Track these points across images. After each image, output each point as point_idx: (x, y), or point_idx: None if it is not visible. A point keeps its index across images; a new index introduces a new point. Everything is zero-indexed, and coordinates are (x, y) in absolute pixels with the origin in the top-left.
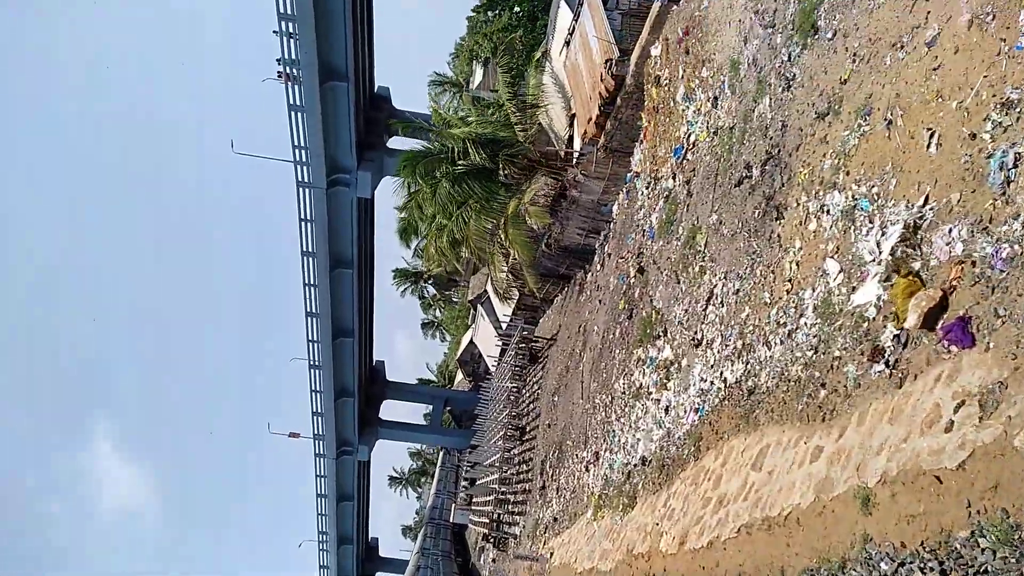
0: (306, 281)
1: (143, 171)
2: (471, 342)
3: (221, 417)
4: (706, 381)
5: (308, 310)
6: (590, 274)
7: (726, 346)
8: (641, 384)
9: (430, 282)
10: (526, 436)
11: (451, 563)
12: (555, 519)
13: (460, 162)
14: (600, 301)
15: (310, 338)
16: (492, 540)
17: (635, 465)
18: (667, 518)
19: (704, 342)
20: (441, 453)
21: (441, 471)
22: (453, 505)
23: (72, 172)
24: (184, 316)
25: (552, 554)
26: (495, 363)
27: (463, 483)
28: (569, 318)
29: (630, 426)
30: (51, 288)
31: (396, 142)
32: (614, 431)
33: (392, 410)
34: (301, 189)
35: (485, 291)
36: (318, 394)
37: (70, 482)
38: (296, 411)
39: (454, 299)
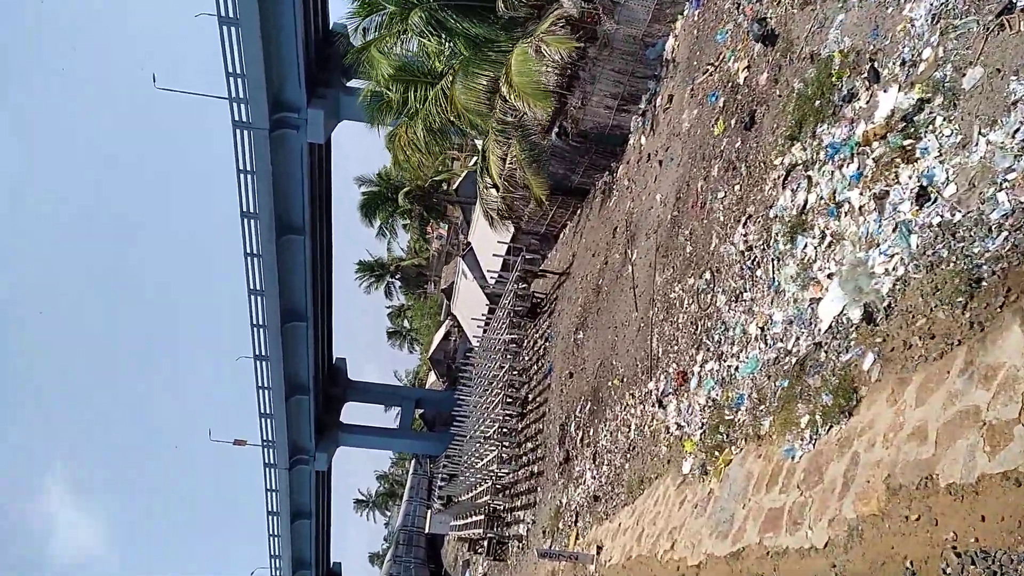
0: (247, 250)
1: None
2: (444, 337)
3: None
4: None
5: (251, 287)
6: (623, 166)
7: None
8: (807, 203)
9: (397, 276)
10: (528, 407)
11: (425, 569)
12: (595, 498)
13: None
14: (660, 163)
15: (254, 322)
16: (484, 548)
17: (819, 343)
18: None
19: None
20: (412, 461)
21: (413, 478)
22: (428, 512)
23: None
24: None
25: (600, 549)
26: (483, 325)
27: (438, 484)
28: (590, 236)
29: (776, 292)
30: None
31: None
32: (724, 322)
33: (355, 416)
34: (239, 131)
35: (468, 243)
36: (266, 391)
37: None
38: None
39: (424, 296)
